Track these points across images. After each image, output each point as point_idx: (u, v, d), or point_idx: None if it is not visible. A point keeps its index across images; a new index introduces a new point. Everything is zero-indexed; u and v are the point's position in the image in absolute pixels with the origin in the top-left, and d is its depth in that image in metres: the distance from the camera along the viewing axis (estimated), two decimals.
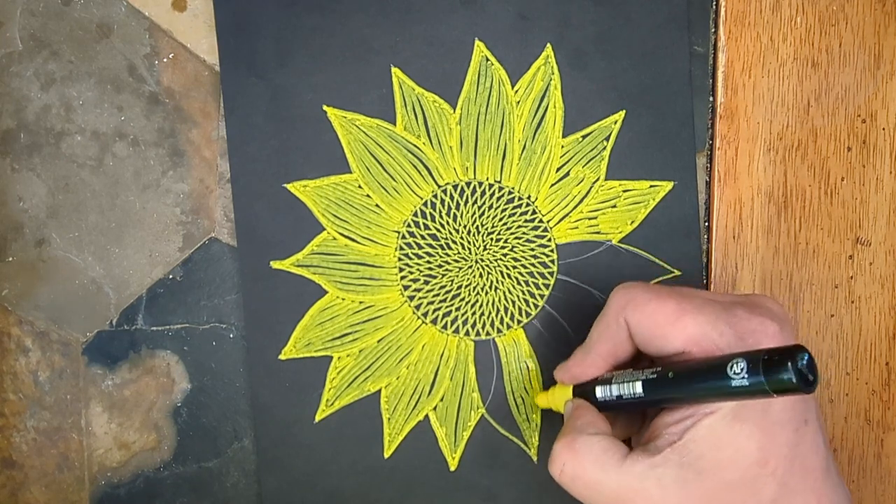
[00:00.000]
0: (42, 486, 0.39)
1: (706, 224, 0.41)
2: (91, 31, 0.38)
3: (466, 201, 0.39)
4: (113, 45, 0.38)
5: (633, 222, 0.40)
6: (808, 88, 0.40)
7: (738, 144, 0.40)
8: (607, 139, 0.39)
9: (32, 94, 0.38)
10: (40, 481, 0.39)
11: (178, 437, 0.39)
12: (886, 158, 0.41)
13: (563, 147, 0.39)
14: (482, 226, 0.39)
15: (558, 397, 0.36)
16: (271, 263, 0.38)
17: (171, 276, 0.39)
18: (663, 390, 0.30)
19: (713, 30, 0.40)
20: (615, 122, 0.39)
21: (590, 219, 0.39)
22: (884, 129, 0.41)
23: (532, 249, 0.39)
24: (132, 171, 0.38)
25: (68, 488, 0.39)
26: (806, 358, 0.26)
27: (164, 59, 0.38)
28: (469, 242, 0.39)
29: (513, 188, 0.39)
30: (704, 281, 0.40)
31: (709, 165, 0.41)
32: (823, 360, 0.41)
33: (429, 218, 0.39)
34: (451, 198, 0.39)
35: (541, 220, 0.39)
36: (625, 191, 0.39)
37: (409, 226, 0.39)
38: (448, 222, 0.39)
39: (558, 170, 0.39)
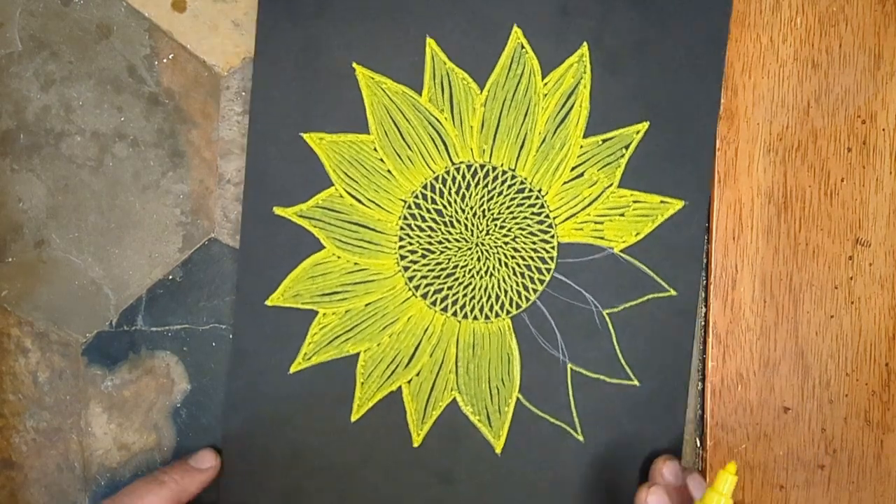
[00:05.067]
0: (41, 486, 0.39)
1: (706, 224, 0.41)
2: (91, 31, 0.38)
3: (478, 183, 0.39)
4: (113, 45, 0.38)
5: (638, 234, 0.39)
6: (808, 89, 0.40)
7: (738, 145, 0.40)
8: (627, 147, 0.39)
9: (32, 94, 0.38)
10: (40, 482, 0.39)
11: (177, 437, 0.39)
12: (886, 159, 0.41)
13: (581, 147, 0.39)
14: (489, 210, 0.39)
15: None
16: (274, 209, 0.38)
17: (170, 277, 0.39)
18: None
19: None
20: (637, 132, 0.39)
21: (596, 223, 0.39)
22: (884, 129, 0.41)
23: (534, 243, 0.39)
24: (132, 172, 0.38)
25: (68, 489, 0.39)
26: None
27: (164, 60, 0.38)
28: (473, 224, 0.39)
29: (525, 178, 0.39)
30: (704, 309, 0.40)
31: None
32: (823, 361, 0.41)
33: (437, 192, 0.39)
34: (463, 177, 0.39)
35: (547, 216, 0.39)
36: (635, 201, 0.39)
37: (416, 197, 0.39)
38: (455, 200, 0.39)
39: (573, 169, 0.39)
